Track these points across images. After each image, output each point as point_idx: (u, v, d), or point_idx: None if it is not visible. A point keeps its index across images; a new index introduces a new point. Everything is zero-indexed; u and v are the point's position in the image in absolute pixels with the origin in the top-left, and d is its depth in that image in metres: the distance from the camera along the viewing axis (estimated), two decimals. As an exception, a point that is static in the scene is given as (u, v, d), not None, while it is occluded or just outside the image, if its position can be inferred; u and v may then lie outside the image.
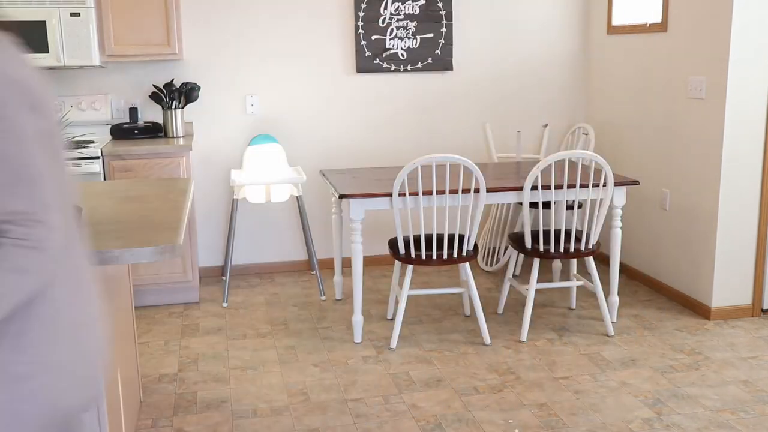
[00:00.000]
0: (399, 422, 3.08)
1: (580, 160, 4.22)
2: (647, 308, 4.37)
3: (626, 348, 3.81)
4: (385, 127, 5.17)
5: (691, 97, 4.22)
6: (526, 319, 3.91)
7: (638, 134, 4.78)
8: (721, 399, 3.24)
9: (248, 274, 5.17)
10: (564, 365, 3.61)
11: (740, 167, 4.03)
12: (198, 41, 4.85)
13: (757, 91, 3.97)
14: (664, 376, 3.47)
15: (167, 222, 2.23)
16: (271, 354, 3.80)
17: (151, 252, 1.95)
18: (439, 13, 5.07)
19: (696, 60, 4.17)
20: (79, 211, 2.20)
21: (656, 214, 4.62)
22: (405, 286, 3.79)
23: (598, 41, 5.23)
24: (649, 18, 4.60)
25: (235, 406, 3.24)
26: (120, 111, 4.82)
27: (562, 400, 3.25)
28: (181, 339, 4.02)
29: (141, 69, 4.80)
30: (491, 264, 5.17)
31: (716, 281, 4.13)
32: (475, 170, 3.64)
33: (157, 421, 3.13)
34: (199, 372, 3.60)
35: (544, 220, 5.31)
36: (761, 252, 4.14)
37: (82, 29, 4.28)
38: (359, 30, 4.99)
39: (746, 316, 4.20)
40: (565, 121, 5.44)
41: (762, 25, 3.90)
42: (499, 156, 5.22)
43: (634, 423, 3.04)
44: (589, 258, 3.94)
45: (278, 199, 4.72)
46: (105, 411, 2.14)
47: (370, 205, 3.76)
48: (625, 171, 4.93)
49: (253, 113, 4.99)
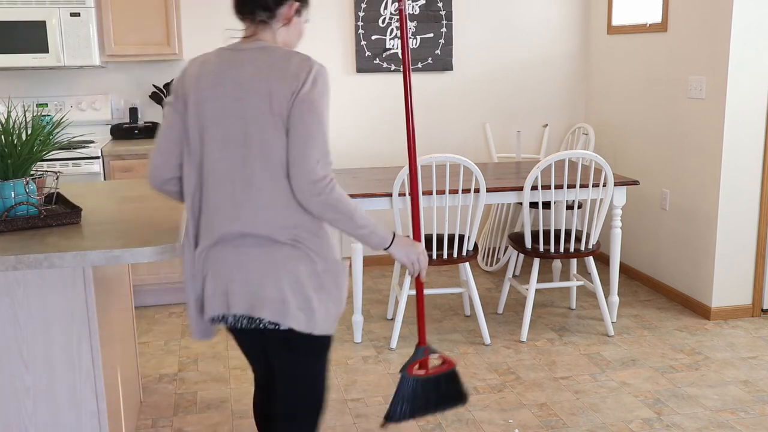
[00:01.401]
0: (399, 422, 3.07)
1: (580, 160, 4.22)
2: (647, 308, 4.38)
3: (626, 348, 3.81)
4: (385, 127, 5.17)
5: (691, 97, 4.22)
6: (526, 319, 3.91)
7: (638, 134, 4.78)
8: (721, 399, 3.24)
9: (248, 274, 5.17)
10: (564, 365, 3.61)
11: (740, 167, 4.03)
12: (198, 41, 4.85)
13: (757, 91, 3.97)
14: (664, 376, 3.47)
15: (167, 222, 2.23)
16: (271, 354, 3.80)
17: (151, 252, 1.95)
18: (439, 13, 5.07)
19: (696, 60, 4.17)
20: (79, 212, 2.21)
21: (656, 214, 4.62)
22: (405, 286, 3.79)
23: (598, 41, 5.23)
24: (649, 18, 4.60)
25: (235, 406, 3.24)
26: (120, 111, 4.82)
27: (562, 400, 3.25)
28: (181, 339, 4.02)
29: (141, 69, 4.80)
30: (491, 264, 5.17)
31: (716, 281, 4.13)
32: (475, 170, 3.64)
33: (157, 421, 3.13)
34: (199, 372, 3.60)
35: (544, 220, 5.31)
36: (761, 252, 4.14)
37: (82, 29, 4.28)
38: (359, 30, 4.99)
39: (746, 316, 4.20)
40: (565, 121, 5.44)
41: (762, 25, 3.90)
42: (499, 156, 5.23)
43: (634, 423, 3.04)
44: (589, 258, 3.94)
45: (278, 199, 4.71)
46: (105, 411, 2.14)
47: (370, 205, 3.76)
48: (625, 171, 4.93)
49: (253, 113, 4.98)
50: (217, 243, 1.94)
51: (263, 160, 1.88)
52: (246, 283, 1.91)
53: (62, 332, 2.07)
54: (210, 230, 1.94)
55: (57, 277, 2.04)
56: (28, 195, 2.17)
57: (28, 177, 2.19)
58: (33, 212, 2.19)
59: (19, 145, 2.17)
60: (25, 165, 2.19)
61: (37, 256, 1.87)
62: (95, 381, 2.12)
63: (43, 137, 2.22)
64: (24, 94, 4.67)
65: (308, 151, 1.87)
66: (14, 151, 2.16)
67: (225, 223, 1.91)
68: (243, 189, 1.89)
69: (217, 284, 1.94)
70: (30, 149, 2.19)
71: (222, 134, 1.91)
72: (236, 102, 1.90)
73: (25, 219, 2.14)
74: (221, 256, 1.93)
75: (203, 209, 1.96)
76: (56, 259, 1.88)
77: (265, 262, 1.91)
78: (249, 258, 1.91)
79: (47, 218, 2.17)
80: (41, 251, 1.89)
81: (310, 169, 1.86)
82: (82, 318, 2.08)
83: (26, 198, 2.17)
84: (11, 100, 4.63)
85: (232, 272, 1.92)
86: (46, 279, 2.04)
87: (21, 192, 2.16)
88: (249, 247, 1.91)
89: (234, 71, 1.94)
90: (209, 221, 1.94)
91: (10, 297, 2.03)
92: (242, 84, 1.91)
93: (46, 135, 2.24)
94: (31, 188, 2.19)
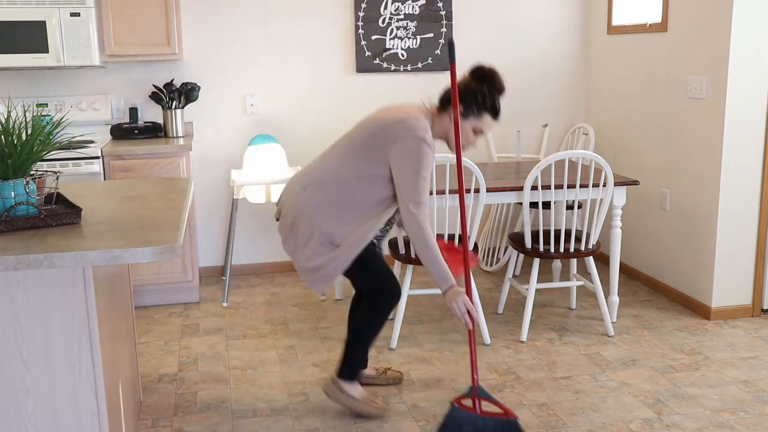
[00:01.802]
0: (399, 422, 3.08)
1: (580, 160, 4.22)
2: (647, 308, 4.37)
3: (626, 348, 3.81)
4: (385, 127, 5.16)
5: (691, 97, 4.22)
6: (526, 319, 3.91)
7: (638, 134, 4.78)
8: (721, 399, 3.24)
9: (248, 274, 5.18)
10: (564, 365, 3.61)
11: (740, 167, 4.03)
12: (198, 41, 4.85)
13: (757, 91, 3.97)
14: (664, 376, 3.47)
15: (167, 222, 2.23)
16: (271, 354, 3.80)
17: (151, 252, 1.95)
18: (439, 13, 5.07)
19: (696, 60, 4.17)
20: (79, 212, 2.21)
21: (656, 214, 4.62)
22: (405, 286, 3.79)
23: (598, 41, 5.23)
24: (649, 18, 4.60)
25: (235, 406, 3.24)
26: (120, 111, 4.82)
27: (562, 400, 3.25)
28: (181, 339, 4.02)
29: (141, 69, 4.80)
30: (491, 264, 5.17)
31: (716, 281, 4.13)
32: (475, 170, 3.64)
33: (157, 421, 3.13)
34: (199, 372, 3.60)
35: (544, 220, 5.31)
36: (761, 252, 4.14)
37: (82, 29, 4.28)
38: (359, 30, 4.99)
39: (746, 316, 4.20)
40: (565, 121, 5.44)
41: (762, 25, 3.90)
42: (499, 156, 5.23)
43: (634, 423, 3.04)
44: (589, 258, 3.94)
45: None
46: (105, 411, 2.14)
47: (370, 205, 3.76)
48: (625, 171, 4.93)
49: (253, 113, 4.99)
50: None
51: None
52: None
53: (62, 332, 2.07)
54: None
55: (57, 277, 2.04)
56: (28, 195, 2.17)
57: (28, 177, 2.19)
58: (33, 212, 2.18)
59: (19, 145, 2.17)
60: (25, 165, 2.19)
61: (37, 256, 1.87)
62: (95, 381, 2.12)
63: (43, 137, 2.22)
64: (24, 94, 4.67)
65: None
66: (14, 151, 2.16)
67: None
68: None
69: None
70: (30, 149, 2.19)
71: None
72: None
73: (25, 219, 2.14)
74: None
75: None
76: (56, 259, 1.88)
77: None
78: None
79: (47, 218, 2.17)
80: (41, 251, 1.89)
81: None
82: (82, 318, 2.08)
83: (26, 198, 2.17)
84: (11, 100, 4.63)
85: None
86: (46, 279, 2.04)
87: (21, 192, 2.16)
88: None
89: None
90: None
91: (10, 297, 2.03)
92: None
93: (46, 135, 2.23)
94: (31, 188, 2.19)
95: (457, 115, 2.91)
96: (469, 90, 2.93)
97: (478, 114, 2.94)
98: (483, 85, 2.94)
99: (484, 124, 2.97)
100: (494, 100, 2.95)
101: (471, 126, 2.96)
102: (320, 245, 2.94)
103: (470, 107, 2.93)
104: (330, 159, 3.00)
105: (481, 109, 2.94)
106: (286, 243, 3.06)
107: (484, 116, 2.95)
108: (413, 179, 2.82)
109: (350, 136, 2.99)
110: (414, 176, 2.82)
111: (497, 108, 2.96)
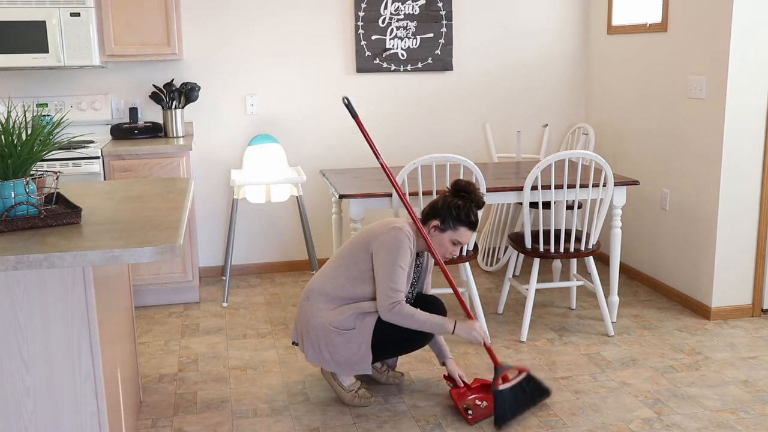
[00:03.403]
0: (399, 422, 3.08)
1: (580, 160, 4.22)
2: (647, 308, 4.38)
3: (626, 348, 3.81)
4: (385, 127, 5.17)
5: (691, 97, 4.22)
6: (526, 319, 3.91)
7: (638, 134, 4.78)
8: (721, 399, 3.24)
9: (248, 274, 5.18)
10: (564, 365, 3.61)
11: (740, 167, 4.03)
12: (198, 41, 4.85)
13: (757, 91, 3.97)
14: (664, 376, 3.47)
15: (167, 222, 2.23)
16: (271, 354, 3.80)
17: (151, 252, 1.95)
18: (439, 13, 5.07)
19: (696, 60, 4.17)
20: (79, 212, 2.21)
21: (656, 214, 4.62)
22: (405, 286, 3.79)
23: (598, 41, 5.24)
24: (649, 18, 4.60)
25: (235, 406, 3.24)
26: (120, 111, 4.82)
27: (562, 400, 3.25)
28: (181, 339, 4.02)
29: (141, 69, 4.80)
30: (491, 264, 5.17)
31: (716, 281, 4.13)
32: (475, 170, 3.64)
33: (157, 421, 3.13)
34: (199, 372, 3.60)
35: (544, 220, 5.31)
36: (761, 252, 4.14)
37: (82, 29, 4.28)
38: (359, 30, 4.99)
39: (746, 316, 4.20)
40: (565, 121, 5.44)
41: (762, 25, 3.90)
42: (499, 156, 5.23)
43: (634, 423, 3.04)
44: (589, 258, 3.94)
45: (278, 199, 4.72)
46: (105, 411, 2.14)
47: (370, 205, 3.76)
48: (625, 171, 4.93)
49: (253, 113, 4.99)
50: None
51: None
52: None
53: (62, 332, 2.07)
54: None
55: (57, 277, 2.04)
56: (28, 195, 2.17)
57: (28, 177, 2.19)
58: (33, 212, 2.18)
59: (19, 145, 2.17)
60: (25, 165, 2.19)
61: (37, 256, 1.87)
62: (95, 381, 2.12)
63: (43, 137, 2.22)
64: (24, 94, 4.67)
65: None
66: (14, 151, 2.16)
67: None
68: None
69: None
70: (30, 149, 2.19)
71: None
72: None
73: (25, 219, 2.14)
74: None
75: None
76: (56, 259, 1.88)
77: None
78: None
79: (47, 218, 2.17)
80: (41, 251, 1.89)
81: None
82: (82, 318, 2.08)
83: (26, 198, 2.17)
84: (11, 100, 4.63)
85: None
86: (46, 279, 2.04)
87: (21, 192, 2.16)
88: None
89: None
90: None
91: (10, 297, 2.03)
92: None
93: (46, 135, 2.23)
94: (31, 188, 2.19)
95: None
96: (446, 204, 3.09)
97: (455, 227, 3.10)
98: (459, 200, 3.10)
99: (461, 236, 3.12)
100: (469, 214, 3.09)
101: (449, 238, 3.12)
102: (337, 335, 3.07)
103: (447, 221, 3.10)
104: (327, 267, 3.20)
105: (456, 223, 3.09)
106: (309, 355, 3.17)
107: (460, 229, 3.10)
108: (390, 269, 2.98)
109: (342, 248, 3.20)
110: (391, 266, 2.98)
111: (473, 222, 3.11)
